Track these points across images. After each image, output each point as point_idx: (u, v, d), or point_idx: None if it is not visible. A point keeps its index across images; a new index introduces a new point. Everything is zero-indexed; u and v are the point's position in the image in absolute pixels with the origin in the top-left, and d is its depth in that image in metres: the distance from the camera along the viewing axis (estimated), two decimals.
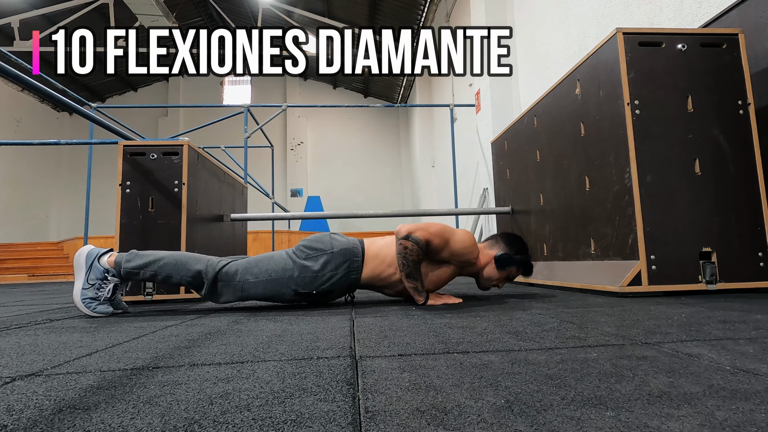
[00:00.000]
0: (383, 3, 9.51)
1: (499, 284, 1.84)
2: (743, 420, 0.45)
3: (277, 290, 1.65)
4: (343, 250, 1.68)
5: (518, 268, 1.82)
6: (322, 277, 1.65)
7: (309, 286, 1.65)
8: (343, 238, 1.74)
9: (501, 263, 1.77)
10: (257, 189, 6.63)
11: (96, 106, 5.73)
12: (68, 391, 0.63)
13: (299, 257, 1.67)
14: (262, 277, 1.64)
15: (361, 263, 1.69)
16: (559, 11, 4.58)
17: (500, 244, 1.84)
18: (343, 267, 1.67)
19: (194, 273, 1.64)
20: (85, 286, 1.60)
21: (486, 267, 1.80)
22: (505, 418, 0.48)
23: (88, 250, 1.66)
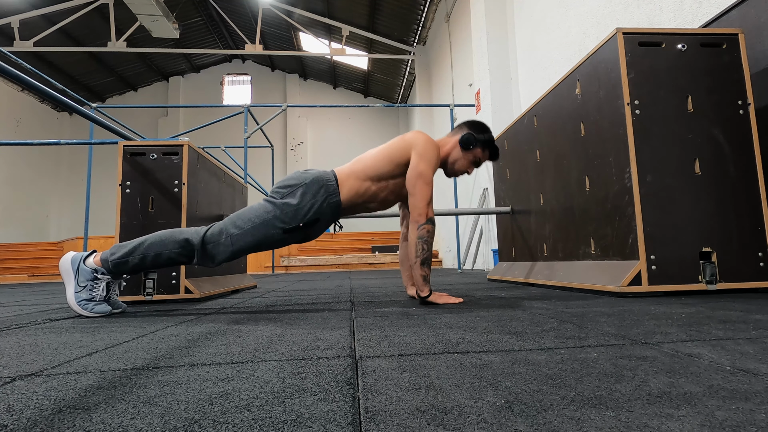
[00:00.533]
0: (383, 3, 9.51)
1: (468, 170, 1.89)
2: (743, 420, 0.45)
3: (264, 233, 1.66)
4: (315, 179, 1.71)
5: (483, 150, 1.87)
6: (303, 208, 1.67)
7: (294, 220, 1.66)
8: (313, 170, 1.77)
9: (465, 144, 1.83)
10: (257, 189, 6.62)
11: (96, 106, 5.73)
12: (68, 391, 0.63)
13: (277, 198, 1.69)
14: (247, 226, 1.65)
15: (336, 185, 1.72)
16: (559, 11, 4.58)
17: (463, 129, 1.89)
18: (321, 193, 1.69)
19: (182, 242, 1.65)
20: (77, 289, 1.61)
21: (452, 153, 1.87)
22: (505, 418, 0.48)
23: (70, 256, 1.67)
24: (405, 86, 12.83)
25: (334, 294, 2.44)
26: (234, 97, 14.85)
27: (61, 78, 12.26)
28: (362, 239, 11.17)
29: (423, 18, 9.75)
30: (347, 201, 1.75)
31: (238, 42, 13.55)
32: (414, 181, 1.72)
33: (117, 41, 8.99)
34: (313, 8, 10.36)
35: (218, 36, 13.15)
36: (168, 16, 8.52)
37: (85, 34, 10.83)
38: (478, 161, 1.90)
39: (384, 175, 1.76)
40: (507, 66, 5.75)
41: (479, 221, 6.55)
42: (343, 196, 1.74)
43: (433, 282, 3.37)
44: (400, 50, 11.01)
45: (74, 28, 10.43)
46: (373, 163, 1.76)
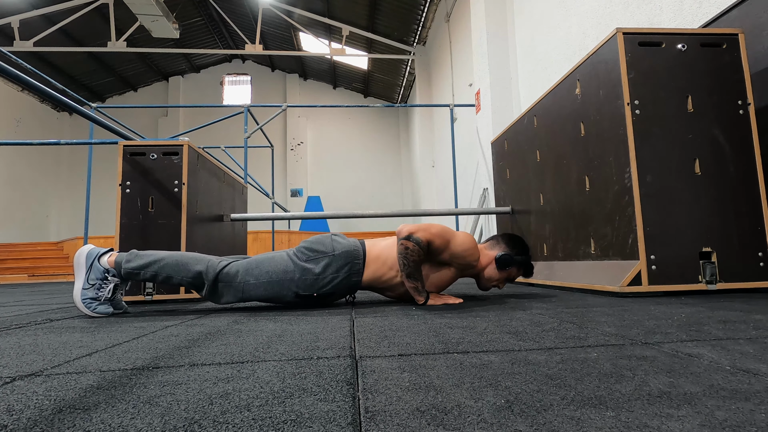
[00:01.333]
0: (383, 3, 9.51)
1: (500, 285, 1.84)
2: (743, 420, 0.45)
3: (277, 292, 1.65)
4: (344, 253, 1.68)
5: (519, 269, 1.82)
6: (323, 279, 1.65)
7: (310, 289, 1.65)
8: (344, 240, 1.73)
9: (502, 264, 1.77)
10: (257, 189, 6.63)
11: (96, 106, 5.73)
12: (68, 391, 0.63)
13: (300, 259, 1.67)
14: (263, 278, 1.64)
15: (362, 266, 1.69)
16: (559, 11, 4.58)
17: (501, 245, 1.84)
18: (345, 270, 1.67)
19: (195, 274, 1.64)
20: (86, 286, 1.60)
21: (487, 268, 1.80)
22: (505, 418, 0.48)
23: (88, 249, 1.66)
24: (405, 86, 12.83)
25: None
26: (234, 97, 14.85)
27: (61, 78, 12.26)
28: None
29: (423, 18, 9.75)
30: (367, 282, 1.72)
31: (238, 42, 13.55)
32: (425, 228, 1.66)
33: (117, 41, 8.99)
34: (313, 8, 10.36)
35: (218, 36, 13.15)
36: (168, 16, 8.52)
37: (85, 34, 10.83)
38: (513, 278, 1.85)
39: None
40: (507, 66, 5.75)
41: (479, 221, 6.55)
42: (365, 277, 1.70)
43: None
44: (400, 50, 11.01)
45: (74, 28, 10.43)
46: None
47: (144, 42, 11.72)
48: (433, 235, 1.65)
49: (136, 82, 14.17)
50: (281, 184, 14.01)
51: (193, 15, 11.70)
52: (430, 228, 1.67)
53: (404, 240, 1.64)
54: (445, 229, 1.70)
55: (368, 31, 10.58)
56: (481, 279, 1.83)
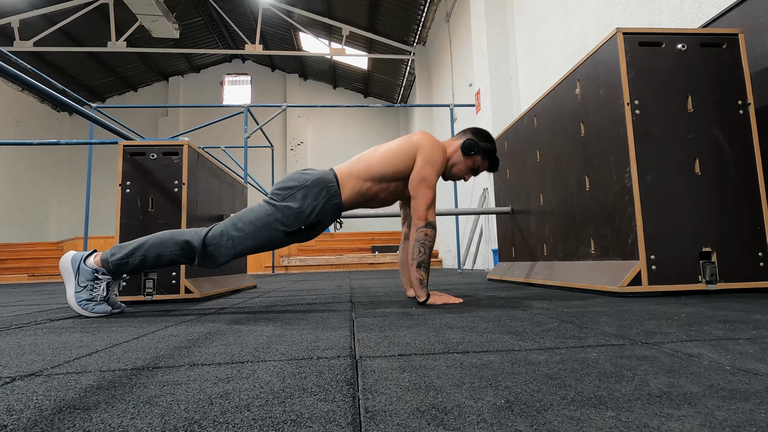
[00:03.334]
0: (383, 3, 9.51)
1: (465, 176, 1.88)
2: (743, 420, 0.45)
3: (266, 236, 1.65)
4: (316, 180, 1.70)
5: (484, 159, 1.86)
6: (305, 211, 1.66)
7: (296, 223, 1.66)
8: (312, 170, 1.76)
9: (466, 149, 1.82)
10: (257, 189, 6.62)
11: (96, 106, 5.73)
12: (68, 391, 0.63)
13: (277, 200, 1.68)
14: (248, 228, 1.65)
15: (337, 186, 1.72)
16: (559, 11, 4.58)
17: (467, 134, 1.88)
18: (322, 195, 1.68)
19: (182, 243, 1.65)
20: (77, 288, 1.60)
21: (453, 156, 1.86)
22: (505, 418, 0.48)
23: (71, 255, 1.66)
24: (405, 86, 12.83)
25: (334, 294, 2.44)
26: (234, 97, 14.85)
27: (61, 78, 12.26)
28: (362, 239, 11.17)
29: (423, 18, 9.75)
30: (348, 201, 1.75)
31: (238, 42, 13.55)
32: (417, 185, 1.72)
33: (117, 41, 8.99)
34: (313, 8, 10.36)
35: (218, 36, 13.15)
36: (168, 16, 8.52)
37: (85, 34, 10.83)
38: (477, 169, 1.89)
39: (387, 176, 1.75)
40: (507, 66, 5.75)
41: (479, 221, 6.55)
42: (344, 197, 1.73)
43: (433, 282, 3.37)
44: (400, 50, 11.01)
45: (74, 28, 10.43)
46: (376, 163, 1.75)
47: (144, 42, 11.72)
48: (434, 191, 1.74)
49: (136, 82, 14.17)
50: None
51: (193, 15, 11.70)
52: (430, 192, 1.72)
53: (425, 227, 1.69)
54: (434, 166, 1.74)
55: (368, 31, 10.58)
56: (445, 167, 1.87)
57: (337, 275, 5.92)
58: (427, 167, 1.73)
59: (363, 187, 1.75)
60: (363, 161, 1.78)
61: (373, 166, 1.75)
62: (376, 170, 1.74)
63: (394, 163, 1.75)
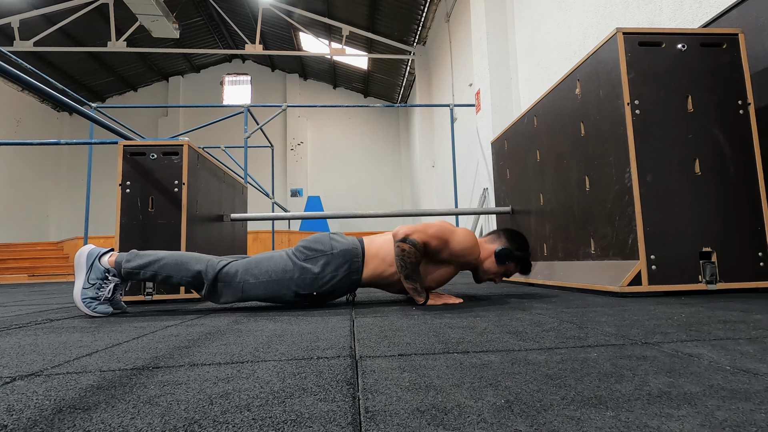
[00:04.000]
0: (383, 3, 9.51)
1: (496, 279, 1.84)
2: (743, 420, 0.45)
3: (277, 291, 1.65)
4: (343, 251, 1.68)
5: (517, 265, 1.81)
6: (322, 278, 1.65)
7: (309, 288, 1.65)
8: (342, 239, 1.73)
9: (501, 258, 1.76)
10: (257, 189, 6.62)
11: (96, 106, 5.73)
12: (68, 391, 0.63)
13: (299, 258, 1.67)
14: (263, 278, 1.64)
15: (361, 264, 1.69)
16: (559, 11, 4.58)
17: (501, 239, 1.83)
18: (344, 268, 1.67)
19: (194, 273, 1.64)
20: (86, 285, 1.60)
21: (485, 261, 1.80)
22: (505, 418, 0.48)
23: (89, 249, 1.66)
24: (405, 86, 12.83)
25: None
26: (234, 97, 14.85)
27: (61, 78, 12.26)
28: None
29: (423, 18, 9.75)
30: (368, 280, 1.72)
31: (238, 42, 13.55)
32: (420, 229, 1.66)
33: (117, 41, 8.99)
34: (313, 8, 10.36)
35: (218, 36, 13.15)
36: (168, 16, 8.52)
37: (85, 34, 10.83)
38: (510, 274, 1.84)
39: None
40: (507, 66, 5.75)
41: (479, 221, 6.55)
42: (365, 275, 1.70)
43: None
44: (400, 50, 11.01)
45: (74, 28, 10.43)
46: None
47: (144, 42, 11.72)
48: (429, 237, 1.65)
49: (136, 82, 14.17)
50: (281, 184, 14.01)
51: (193, 15, 11.70)
52: (427, 229, 1.66)
53: (400, 242, 1.63)
54: (444, 229, 1.69)
55: (368, 31, 10.58)
56: (478, 272, 1.83)
57: None
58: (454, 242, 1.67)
59: (386, 271, 1.71)
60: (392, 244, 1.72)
61: None
62: None
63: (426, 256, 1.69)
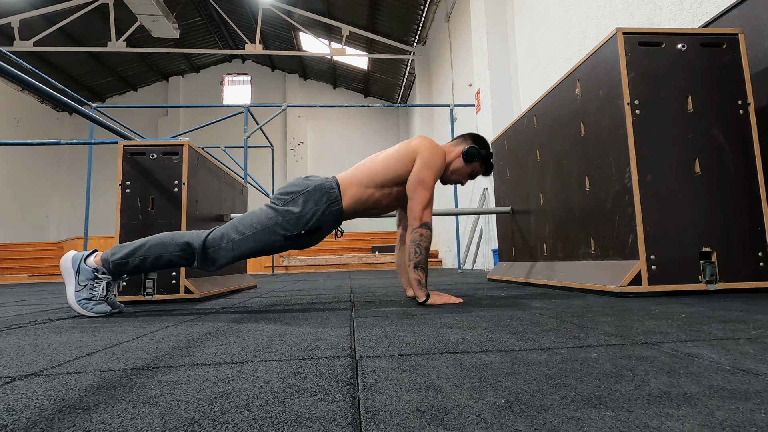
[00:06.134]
0: (383, 3, 9.51)
1: (463, 181, 1.93)
2: (743, 420, 0.45)
3: (266, 239, 1.66)
4: (318, 186, 1.71)
5: (482, 165, 1.92)
6: (305, 215, 1.67)
7: (296, 227, 1.66)
8: (315, 177, 1.77)
9: (469, 157, 1.87)
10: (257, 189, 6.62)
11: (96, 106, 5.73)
12: (68, 391, 0.63)
13: (279, 204, 1.69)
14: (248, 231, 1.66)
15: (338, 193, 1.72)
16: (559, 11, 4.58)
17: (468, 141, 1.92)
18: (323, 201, 1.69)
19: (182, 245, 1.65)
20: (77, 288, 1.61)
21: (453, 162, 1.90)
22: (505, 418, 0.48)
23: (71, 255, 1.67)
24: (405, 86, 12.83)
25: (334, 294, 2.44)
26: (234, 97, 14.85)
27: (61, 78, 12.26)
28: (362, 239, 11.17)
29: (423, 18, 9.75)
30: (349, 208, 1.75)
31: (238, 42, 13.55)
32: (414, 186, 1.73)
33: (117, 41, 8.99)
34: (313, 8, 10.36)
35: (218, 36, 13.14)
36: (168, 16, 8.52)
37: (85, 34, 10.83)
38: (474, 174, 1.94)
39: (388, 182, 1.76)
40: (507, 66, 5.75)
41: (479, 221, 6.55)
42: (346, 204, 1.73)
43: (433, 282, 3.37)
44: (400, 50, 11.01)
45: (74, 28, 10.43)
46: (377, 169, 1.76)
47: (144, 42, 11.72)
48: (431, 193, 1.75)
49: (136, 82, 14.16)
50: (281, 184, 14.00)
51: (193, 15, 11.69)
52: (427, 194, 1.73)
53: (420, 228, 1.70)
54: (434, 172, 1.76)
55: (368, 31, 10.58)
56: (445, 172, 1.91)
57: (337, 275, 5.92)
58: (425, 170, 1.74)
59: (365, 193, 1.75)
60: (364, 168, 1.79)
61: (374, 172, 1.76)
62: (378, 176, 1.75)
63: (395, 167, 1.76)
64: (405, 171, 1.76)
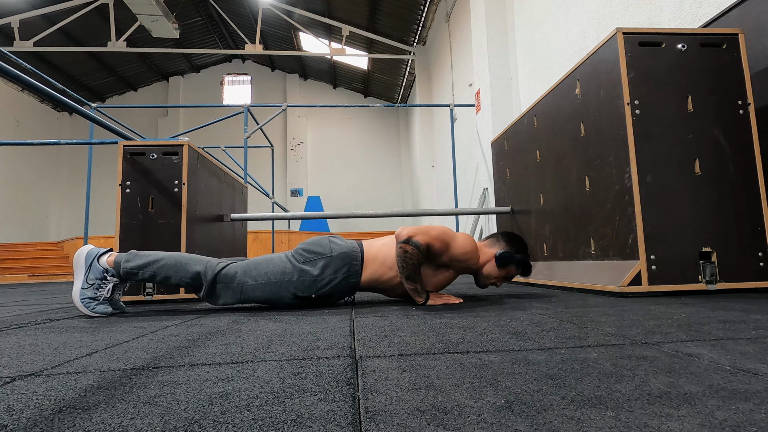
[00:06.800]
0: (383, 3, 9.51)
1: (498, 283, 1.84)
2: (743, 420, 0.45)
3: (276, 293, 1.65)
4: (342, 254, 1.67)
5: (517, 268, 1.81)
6: (321, 281, 1.65)
7: (308, 290, 1.65)
8: (342, 242, 1.73)
9: (501, 262, 1.76)
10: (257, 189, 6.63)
11: (96, 106, 5.72)
12: (68, 391, 0.63)
13: (298, 261, 1.67)
14: (261, 280, 1.64)
15: (360, 267, 1.69)
16: (559, 11, 4.58)
17: (501, 243, 1.83)
18: (342, 271, 1.67)
19: (193, 274, 1.64)
20: (84, 285, 1.60)
21: (486, 265, 1.79)
22: (505, 418, 0.48)
23: (87, 249, 1.66)
24: (405, 86, 12.83)
25: None
26: (234, 97, 14.85)
27: (61, 78, 12.26)
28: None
29: (423, 18, 9.75)
30: (366, 283, 1.72)
31: (238, 42, 13.55)
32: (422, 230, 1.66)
33: (117, 41, 8.98)
34: (313, 8, 10.36)
35: (218, 36, 13.14)
36: (168, 16, 8.52)
37: (85, 34, 10.83)
38: (511, 277, 1.84)
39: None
40: (507, 66, 5.75)
41: (479, 221, 6.55)
42: (364, 278, 1.70)
43: None
44: (400, 50, 11.01)
45: (74, 28, 10.43)
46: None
47: (144, 42, 11.72)
48: (432, 239, 1.64)
49: (136, 82, 14.16)
50: (281, 184, 14.01)
51: (193, 15, 11.69)
52: (430, 231, 1.66)
53: (403, 243, 1.63)
54: (445, 232, 1.69)
55: (368, 31, 10.58)
56: (479, 276, 1.82)
57: None
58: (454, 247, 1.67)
59: (385, 275, 1.70)
60: (391, 247, 1.71)
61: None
62: None
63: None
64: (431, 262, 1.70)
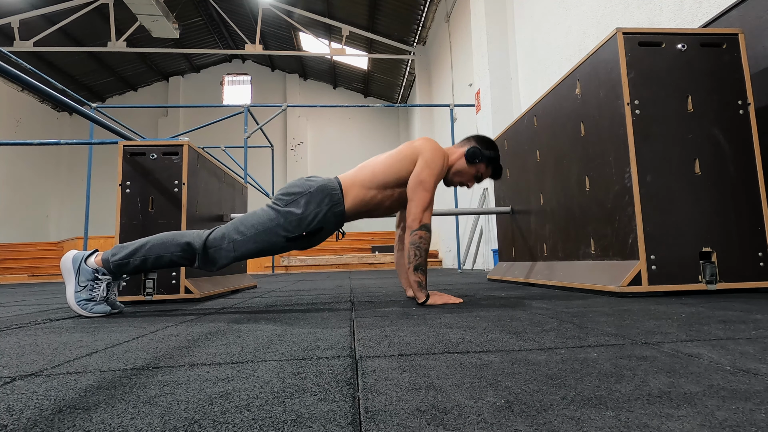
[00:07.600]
0: (383, 3, 9.51)
1: (468, 183, 1.88)
2: (743, 420, 0.45)
3: (267, 240, 1.65)
4: (320, 187, 1.69)
5: (487, 166, 1.86)
6: (307, 217, 1.66)
7: (297, 229, 1.66)
8: (317, 177, 1.76)
9: (471, 157, 1.82)
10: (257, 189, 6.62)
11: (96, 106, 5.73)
12: (68, 391, 0.63)
13: (280, 205, 1.68)
14: (250, 232, 1.65)
15: (341, 194, 1.71)
16: (559, 11, 4.58)
17: (471, 142, 1.88)
18: (325, 202, 1.68)
19: (183, 245, 1.65)
20: (77, 288, 1.60)
21: (456, 163, 1.86)
22: (505, 418, 0.48)
23: (72, 254, 1.66)
24: (405, 86, 12.83)
25: (334, 294, 2.44)
26: (234, 97, 14.85)
27: (61, 78, 12.26)
28: (362, 239, 11.17)
29: (423, 18, 9.75)
30: (351, 210, 1.74)
31: (238, 42, 13.55)
32: (414, 187, 1.72)
33: (117, 41, 8.99)
34: (313, 8, 10.36)
35: (218, 36, 13.14)
36: (168, 16, 8.52)
37: (85, 34, 10.83)
38: (480, 176, 1.89)
39: (390, 183, 1.75)
40: (507, 66, 5.75)
41: (479, 221, 6.55)
42: (348, 205, 1.72)
43: (433, 282, 3.37)
44: (400, 50, 11.01)
45: (74, 28, 10.43)
46: (379, 170, 1.75)
47: (144, 42, 11.72)
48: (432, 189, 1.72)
49: (136, 82, 14.16)
50: (281, 184, 14.01)
51: (193, 15, 11.69)
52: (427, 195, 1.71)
53: (419, 230, 1.68)
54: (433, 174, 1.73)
55: (368, 31, 10.58)
56: (449, 173, 1.87)
57: (337, 275, 5.92)
58: (426, 170, 1.72)
59: (367, 195, 1.74)
60: (367, 169, 1.77)
61: (377, 173, 1.74)
62: (380, 177, 1.74)
63: (396, 168, 1.74)
64: (406, 172, 1.75)
